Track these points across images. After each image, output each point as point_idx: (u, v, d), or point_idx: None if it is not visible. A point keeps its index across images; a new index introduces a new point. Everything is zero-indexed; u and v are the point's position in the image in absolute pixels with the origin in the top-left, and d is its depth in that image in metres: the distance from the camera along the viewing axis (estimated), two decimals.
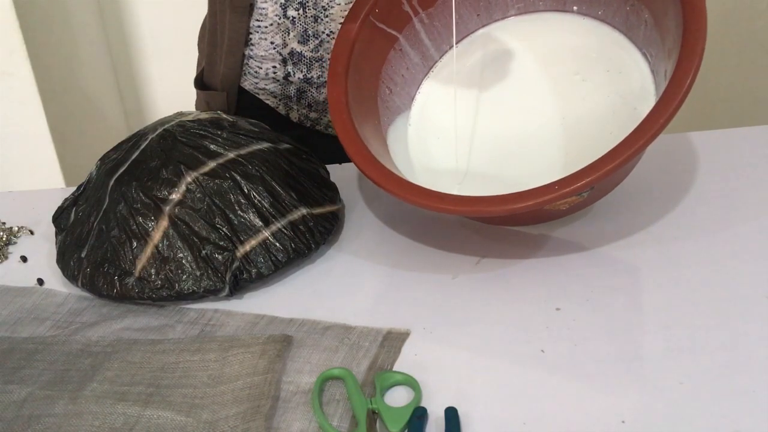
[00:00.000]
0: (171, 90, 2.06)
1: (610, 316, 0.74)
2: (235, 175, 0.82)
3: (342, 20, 0.97)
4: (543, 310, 0.75)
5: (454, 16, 0.92)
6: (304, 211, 0.84)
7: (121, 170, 0.84)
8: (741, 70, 2.02)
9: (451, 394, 0.65)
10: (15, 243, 0.94)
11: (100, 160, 0.89)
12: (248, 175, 0.83)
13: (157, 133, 0.86)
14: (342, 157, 1.06)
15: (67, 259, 0.84)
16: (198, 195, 0.81)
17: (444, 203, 0.75)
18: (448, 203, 0.75)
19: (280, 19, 1.02)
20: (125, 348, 0.73)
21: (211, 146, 0.84)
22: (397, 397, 0.66)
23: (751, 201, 0.89)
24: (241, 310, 0.78)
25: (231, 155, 0.84)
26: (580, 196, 0.74)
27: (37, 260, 0.90)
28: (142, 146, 0.85)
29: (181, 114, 0.90)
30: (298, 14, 1.00)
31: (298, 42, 1.02)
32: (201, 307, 0.79)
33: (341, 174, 0.96)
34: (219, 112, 0.93)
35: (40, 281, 0.86)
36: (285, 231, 0.82)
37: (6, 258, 0.91)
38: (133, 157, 0.84)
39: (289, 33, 1.02)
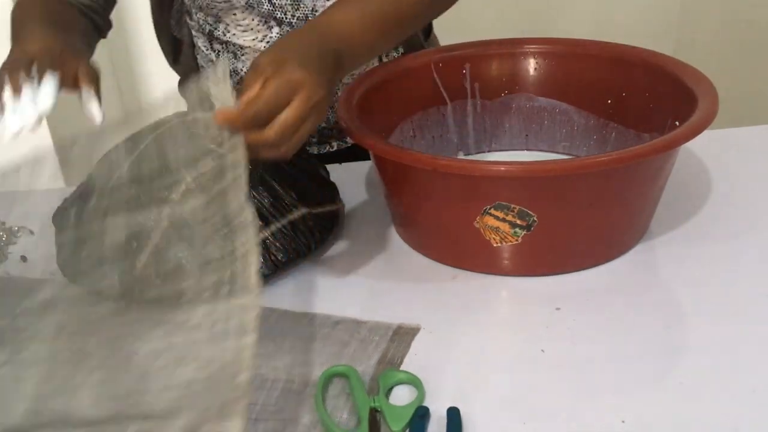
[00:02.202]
0: (171, 90, 2.06)
1: (610, 316, 0.73)
2: None
3: None
4: (543, 310, 0.75)
5: None
6: (304, 210, 0.84)
7: (121, 170, 0.84)
8: (741, 70, 2.02)
9: (451, 394, 0.65)
10: (15, 243, 0.94)
11: (100, 159, 0.89)
12: (248, 174, 0.83)
13: (156, 133, 0.85)
14: (340, 158, 1.06)
15: (67, 259, 0.84)
16: (198, 195, 0.80)
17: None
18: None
19: (207, 50, 1.04)
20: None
21: (211, 146, 0.84)
22: (401, 396, 0.66)
23: (750, 201, 0.89)
24: None
25: (231, 155, 0.84)
26: (515, 234, 0.75)
27: (37, 260, 0.90)
28: (142, 146, 0.85)
29: (180, 114, 0.90)
30: (222, 48, 1.01)
31: None
32: None
33: (341, 174, 0.96)
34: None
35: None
36: (285, 231, 0.82)
37: (6, 258, 0.91)
38: (133, 157, 0.84)
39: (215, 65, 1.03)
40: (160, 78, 2.06)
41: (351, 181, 0.98)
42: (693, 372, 0.66)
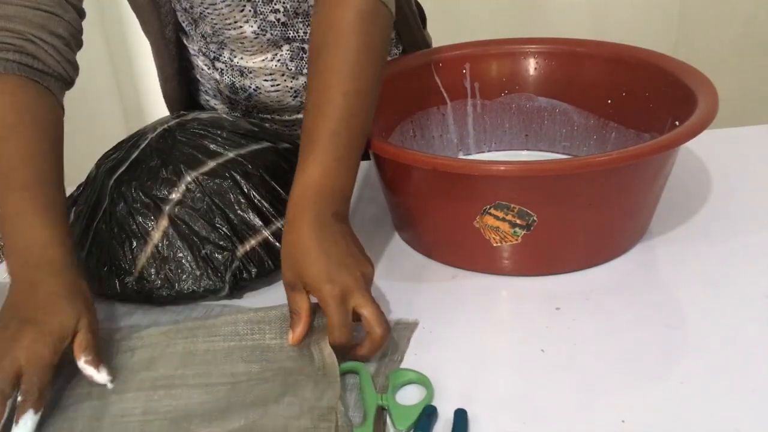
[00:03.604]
0: None
1: (610, 316, 0.73)
2: (235, 174, 0.82)
3: (267, 77, 0.98)
4: (543, 310, 0.75)
5: None
6: None
7: (121, 170, 0.84)
8: (741, 70, 2.02)
9: (451, 393, 0.65)
10: None
11: (99, 159, 0.89)
12: (248, 174, 0.83)
13: (156, 132, 0.85)
14: None
15: None
16: (198, 195, 0.81)
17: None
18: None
19: (209, 69, 1.03)
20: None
21: (211, 146, 0.84)
22: (409, 395, 0.66)
23: (750, 200, 0.89)
24: (245, 306, 0.78)
25: (231, 155, 0.84)
26: (515, 234, 0.75)
27: None
28: (142, 146, 0.85)
29: (180, 114, 0.90)
30: (225, 67, 1.01)
31: (230, 92, 1.03)
32: (208, 302, 0.79)
33: None
34: (219, 111, 0.93)
35: None
36: None
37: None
38: (133, 156, 0.84)
39: (219, 83, 1.03)
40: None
41: None
42: (693, 372, 0.66)
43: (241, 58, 0.98)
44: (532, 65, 0.97)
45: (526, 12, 2.03)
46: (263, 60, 0.98)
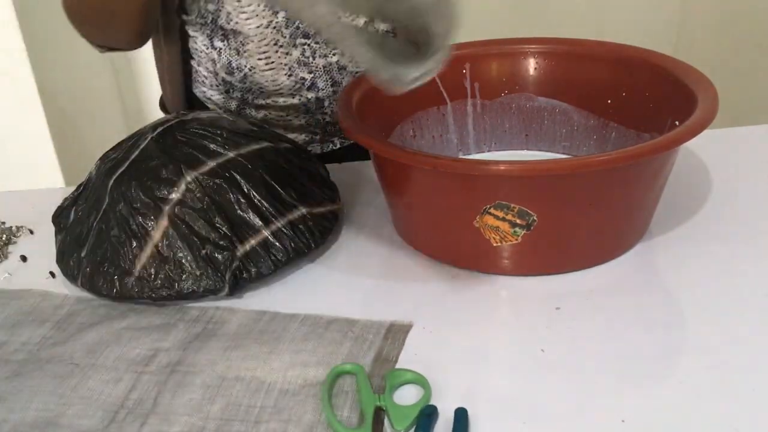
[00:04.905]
0: None
1: (610, 316, 0.73)
2: (235, 174, 0.82)
3: (261, 55, 0.98)
4: (543, 309, 0.75)
5: None
6: (303, 210, 0.84)
7: (121, 170, 0.84)
8: (741, 70, 2.02)
9: (450, 393, 0.65)
10: (15, 243, 0.94)
11: (99, 159, 0.89)
12: (248, 174, 0.83)
13: (156, 132, 0.85)
14: (340, 158, 1.06)
15: (67, 259, 0.84)
16: (198, 194, 0.81)
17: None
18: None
19: (207, 49, 1.03)
20: None
21: (211, 146, 0.84)
22: (407, 396, 0.66)
23: (750, 200, 0.89)
24: (243, 307, 0.78)
25: (231, 155, 0.84)
26: (515, 234, 0.75)
27: (37, 260, 0.90)
28: (142, 146, 0.85)
29: (180, 114, 0.90)
30: (223, 45, 1.01)
31: (226, 72, 1.03)
32: (202, 305, 0.79)
33: (341, 174, 0.96)
34: (219, 111, 0.92)
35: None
36: (285, 230, 0.82)
37: (6, 258, 0.91)
38: (133, 156, 0.84)
39: (216, 63, 1.03)
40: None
41: (351, 181, 0.98)
42: (693, 372, 0.66)
43: (237, 23, 0.98)
44: (532, 65, 0.97)
45: (526, 12, 2.04)
46: (258, 26, 0.97)
